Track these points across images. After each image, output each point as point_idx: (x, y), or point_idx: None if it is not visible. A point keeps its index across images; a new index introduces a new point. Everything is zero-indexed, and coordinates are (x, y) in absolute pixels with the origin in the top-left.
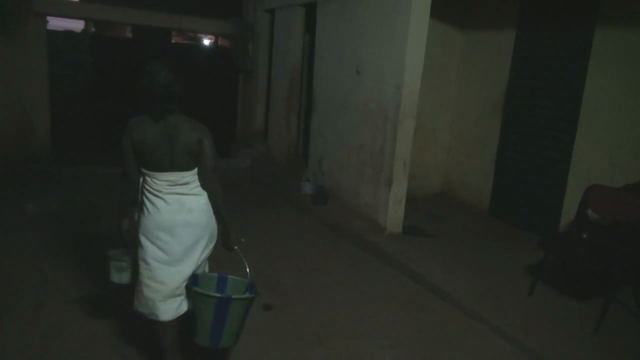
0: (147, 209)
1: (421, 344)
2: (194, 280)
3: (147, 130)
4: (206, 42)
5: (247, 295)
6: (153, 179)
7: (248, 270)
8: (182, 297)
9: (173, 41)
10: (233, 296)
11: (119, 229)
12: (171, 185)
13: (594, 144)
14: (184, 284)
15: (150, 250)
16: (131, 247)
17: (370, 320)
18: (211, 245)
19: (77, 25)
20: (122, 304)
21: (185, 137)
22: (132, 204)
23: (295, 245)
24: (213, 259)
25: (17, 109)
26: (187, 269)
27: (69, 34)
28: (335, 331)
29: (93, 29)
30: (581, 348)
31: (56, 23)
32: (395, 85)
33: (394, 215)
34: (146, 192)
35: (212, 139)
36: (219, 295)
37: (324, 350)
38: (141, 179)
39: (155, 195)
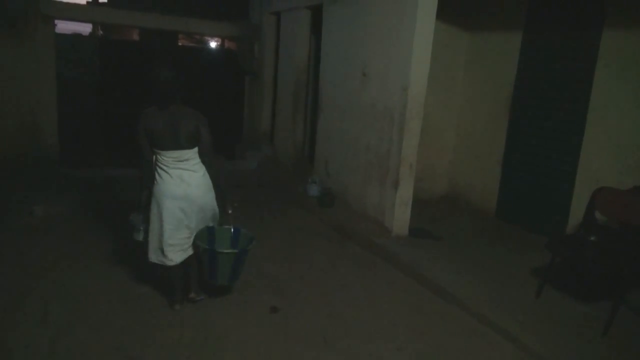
0: (157, 180)
1: (428, 347)
2: (210, 231)
3: (155, 118)
4: (212, 44)
5: (232, 251)
6: (162, 156)
7: (244, 231)
8: (184, 248)
9: (180, 44)
10: (218, 250)
11: (140, 198)
12: (175, 161)
13: (602, 146)
14: (185, 239)
15: (157, 213)
16: (145, 211)
17: (377, 322)
18: (213, 212)
19: (84, 28)
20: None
21: (185, 123)
22: (148, 179)
23: (302, 247)
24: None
25: (25, 111)
26: (185, 229)
27: (76, 37)
28: (341, 333)
29: (100, 32)
30: (589, 351)
31: (64, 26)
32: (402, 87)
33: (400, 218)
34: (157, 167)
35: (207, 124)
36: (206, 247)
37: (330, 352)
38: (154, 157)
39: (163, 170)
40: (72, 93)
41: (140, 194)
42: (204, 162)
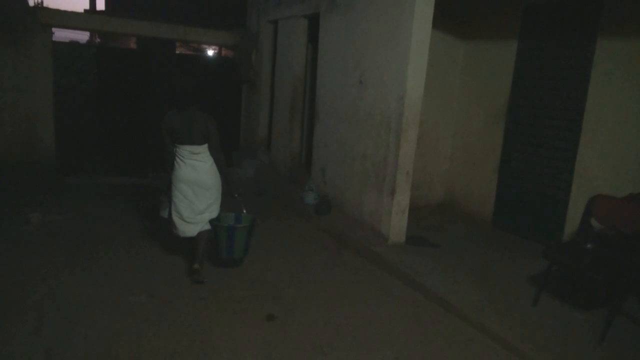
0: (175, 167)
1: (425, 355)
2: (218, 218)
3: (175, 119)
4: (210, 52)
5: (245, 224)
6: (179, 149)
7: (245, 210)
8: (200, 223)
9: (177, 52)
10: (237, 225)
11: (166, 182)
12: (189, 154)
13: (598, 154)
14: (199, 216)
15: (176, 194)
16: (168, 193)
17: (374, 330)
18: (217, 194)
19: (82, 36)
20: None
21: (199, 124)
22: (169, 167)
23: (299, 255)
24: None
25: (22, 118)
26: (198, 207)
27: (74, 45)
28: (338, 342)
29: (98, 40)
30: (586, 359)
31: (62, 34)
32: (398, 95)
33: (397, 225)
34: (176, 158)
35: (216, 125)
36: (227, 225)
37: None
38: (174, 150)
39: (180, 160)
40: (69, 101)
41: (166, 179)
42: (212, 155)
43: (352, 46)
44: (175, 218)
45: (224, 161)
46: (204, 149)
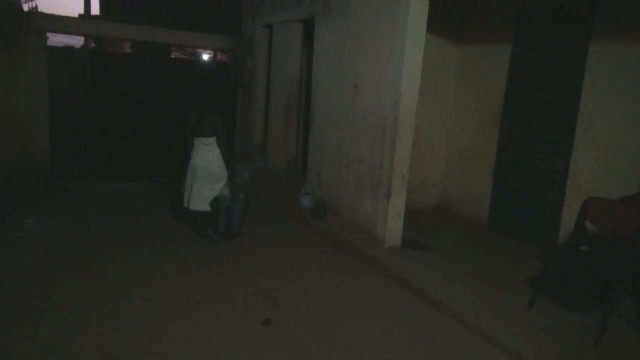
0: (192, 155)
1: (421, 358)
2: (217, 199)
3: (193, 117)
4: (205, 56)
5: (240, 205)
6: (195, 141)
7: (242, 195)
8: (204, 199)
9: (172, 56)
10: (233, 206)
11: (186, 168)
12: (202, 145)
13: (592, 156)
14: (205, 194)
15: (190, 177)
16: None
17: (370, 334)
18: (223, 180)
19: (76, 41)
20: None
21: (208, 121)
22: (187, 156)
23: (295, 259)
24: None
25: (17, 123)
26: (206, 188)
27: (68, 49)
28: (334, 346)
29: (92, 45)
30: None
31: (56, 39)
32: (393, 99)
33: (393, 229)
34: (193, 148)
35: (222, 124)
36: (226, 205)
37: None
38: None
39: (195, 149)
40: (64, 105)
41: (186, 166)
42: (219, 147)
43: (347, 50)
44: (186, 196)
45: (228, 152)
46: (212, 141)
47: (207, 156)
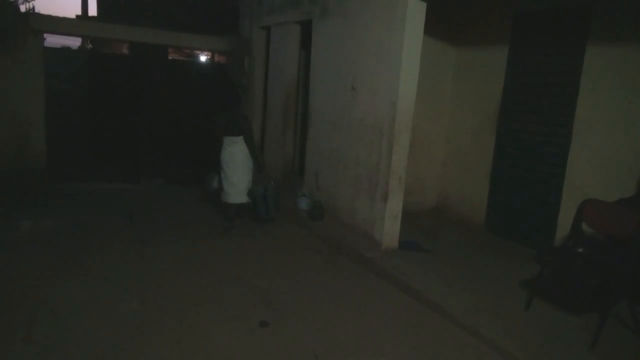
0: (222, 151)
1: None
2: (251, 190)
3: (224, 117)
4: (202, 58)
5: (273, 192)
6: (225, 138)
7: (273, 182)
8: (242, 194)
9: (170, 57)
10: (266, 192)
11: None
12: (231, 142)
13: (588, 159)
14: (242, 188)
15: (223, 171)
16: (218, 171)
17: (367, 336)
18: (250, 170)
19: (74, 42)
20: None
21: (237, 121)
22: (218, 151)
23: (292, 261)
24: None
25: (14, 124)
26: (238, 179)
27: (66, 50)
28: (332, 347)
29: (90, 46)
30: None
31: (53, 40)
32: (391, 101)
33: (390, 231)
34: (223, 144)
35: (250, 123)
36: (260, 193)
37: None
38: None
39: (225, 146)
40: (61, 106)
41: (217, 160)
42: (246, 143)
43: (344, 52)
44: (224, 188)
45: (255, 148)
46: (239, 139)
47: (234, 151)
